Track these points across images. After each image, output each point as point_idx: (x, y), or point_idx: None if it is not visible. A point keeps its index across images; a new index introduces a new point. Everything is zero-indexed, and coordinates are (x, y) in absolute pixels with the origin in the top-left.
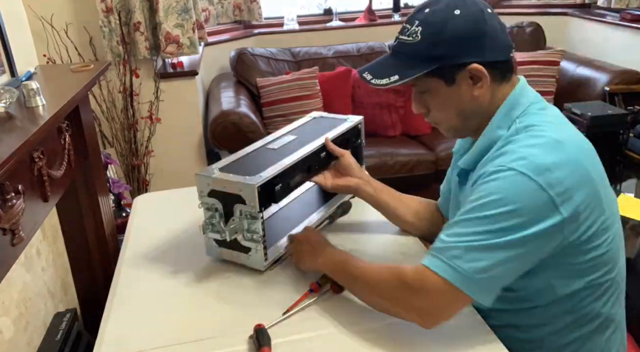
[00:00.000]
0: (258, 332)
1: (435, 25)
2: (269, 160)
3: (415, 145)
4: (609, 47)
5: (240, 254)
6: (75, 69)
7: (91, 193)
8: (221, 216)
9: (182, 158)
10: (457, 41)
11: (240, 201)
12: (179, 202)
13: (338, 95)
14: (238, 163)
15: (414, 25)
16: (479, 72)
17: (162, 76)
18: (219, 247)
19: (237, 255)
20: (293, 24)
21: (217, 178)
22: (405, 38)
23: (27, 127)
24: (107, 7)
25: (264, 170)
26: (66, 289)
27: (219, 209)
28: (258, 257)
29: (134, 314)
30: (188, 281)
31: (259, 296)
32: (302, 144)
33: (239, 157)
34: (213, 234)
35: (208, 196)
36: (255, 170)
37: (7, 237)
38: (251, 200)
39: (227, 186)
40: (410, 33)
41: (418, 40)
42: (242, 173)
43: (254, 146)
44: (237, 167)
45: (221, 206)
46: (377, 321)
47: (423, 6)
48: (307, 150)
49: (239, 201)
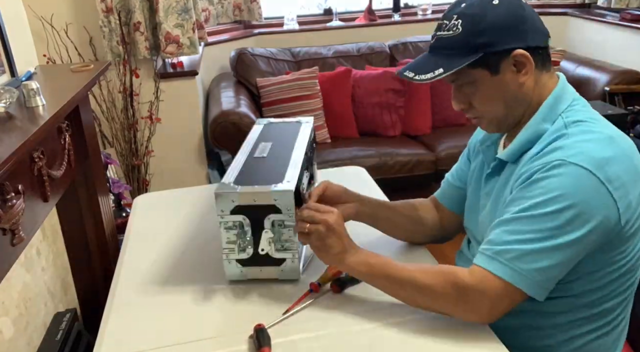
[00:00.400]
0: (258, 332)
1: (475, 16)
2: (277, 166)
3: (415, 145)
4: (609, 47)
5: (271, 269)
6: (75, 69)
7: (91, 193)
8: (248, 232)
9: (182, 158)
10: (499, 28)
11: (274, 211)
12: (179, 202)
13: (338, 95)
14: (247, 175)
15: (453, 20)
16: (523, 58)
17: (162, 76)
18: (244, 267)
19: (268, 270)
20: (293, 24)
21: (244, 192)
22: (445, 33)
23: (27, 127)
24: (107, 7)
25: (285, 176)
26: (66, 289)
27: (245, 226)
28: (294, 266)
29: (134, 315)
30: (188, 281)
31: (258, 295)
32: (287, 147)
33: (239, 170)
34: (238, 254)
35: (232, 214)
36: (275, 178)
37: (7, 237)
38: (288, 207)
39: (258, 198)
40: (449, 27)
41: (459, 32)
42: (263, 183)
43: (240, 159)
44: (251, 178)
45: (248, 221)
46: (377, 321)
47: (458, 2)
48: (299, 151)
49: (272, 210)
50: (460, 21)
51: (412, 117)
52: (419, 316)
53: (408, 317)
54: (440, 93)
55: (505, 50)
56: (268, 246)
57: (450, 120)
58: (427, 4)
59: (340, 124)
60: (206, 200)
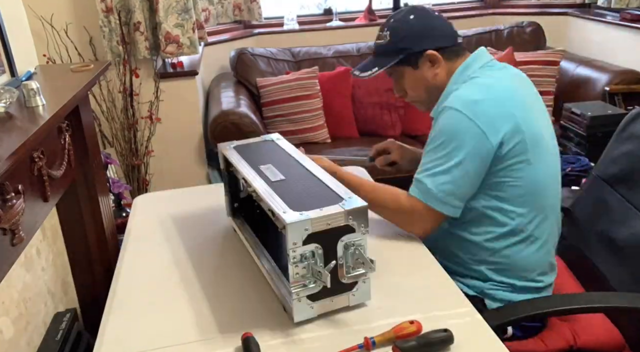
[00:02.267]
0: (245, 341)
1: (397, 28)
2: (313, 186)
3: (415, 145)
4: (609, 47)
5: (342, 296)
6: (75, 69)
7: (91, 193)
8: (318, 261)
9: (182, 158)
10: (413, 35)
11: (348, 231)
12: (179, 203)
13: (338, 95)
14: (296, 200)
15: (384, 31)
16: (434, 56)
17: (162, 76)
18: (314, 302)
19: (339, 299)
20: (293, 24)
21: (317, 217)
22: (379, 41)
23: (27, 127)
24: (107, 7)
25: (340, 193)
26: (66, 289)
27: (317, 254)
28: (366, 288)
29: (134, 315)
30: (188, 281)
31: (258, 295)
32: (293, 165)
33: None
34: (310, 289)
35: (304, 244)
36: (331, 197)
37: (7, 237)
38: (363, 223)
39: (333, 221)
40: (381, 37)
41: (387, 40)
42: (323, 204)
43: (261, 186)
44: (305, 202)
45: (321, 248)
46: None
47: (389, 18)
48: (310, 164)
49: (346, 231)
50: (388, 32)
51: (412, 117)
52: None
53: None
54: None
55: (420, 51)
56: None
57: None
58: (427, 4)
59: (340, 124)
60: (206, 200)
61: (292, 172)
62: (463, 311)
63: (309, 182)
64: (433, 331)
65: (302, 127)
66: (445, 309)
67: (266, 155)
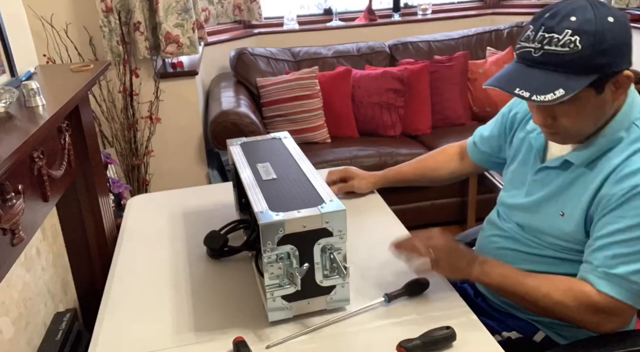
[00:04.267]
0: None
1: (597, 35)
2: (301, 187)
3: (415, 145)
4: None
5: (319, 299)
6: (75, 69)
7: (91, 193)
8: (294, 263)
9: (182, 158)
10: (618, 48)
11: (325, 235)
12: (174, 204)
13: (338, 95)
14: (276, 201)
15: (567, 35)
16: (627, 78)
17: (162, 76)
18: (290, 303)
19: (315, 302)
20: (293, 23)
21: (292, 219)
22: (559, 49)
23: (27, 127)
24: (107, 7)
25: (320, 195)
26: (66, 289)
27: (292, 255)
28: (344, 292)
29: (126, 319)
30: (180, 284)
31: (250, 299)
32: (290, 165)
33: (263, 196)
34: (286, 289)
35: (279, 245)
36: (313, 199)
37: (7, 237)
38: (340, 227)
39: (309, 223)
40: (563, 43)
41: (578, 50)
42: (303, 206)
43: (251, 183)
44: (287, 203)
45: (296, 249)
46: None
47: (562, 14)
48: (307, 166)
49: (323, 235)
50: (578, 38)
51: (412, 117)
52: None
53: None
54: (440, 93)
55: (618, 71)
56: (322, 275)
57: (450, 120)
58: (427, 4)
59: (340, 124)
60: (201, 201)
61: (286, 172)
62: (459, 310)
63: (298, 184)
64: (436, 329)
65: (302, 127)
66: (442, 309)
67: (268, 153)
